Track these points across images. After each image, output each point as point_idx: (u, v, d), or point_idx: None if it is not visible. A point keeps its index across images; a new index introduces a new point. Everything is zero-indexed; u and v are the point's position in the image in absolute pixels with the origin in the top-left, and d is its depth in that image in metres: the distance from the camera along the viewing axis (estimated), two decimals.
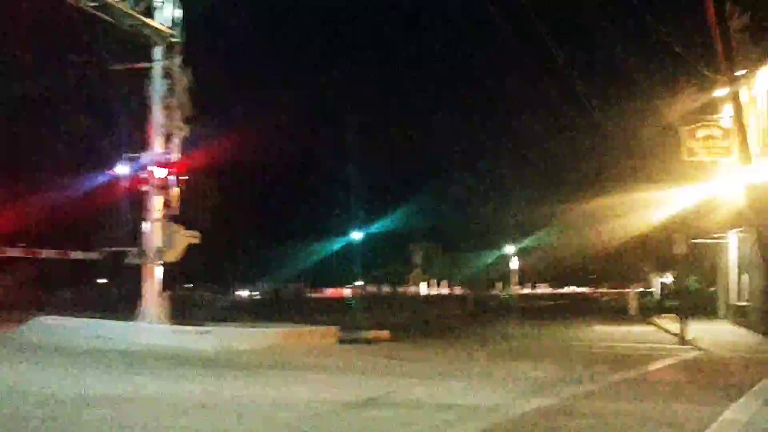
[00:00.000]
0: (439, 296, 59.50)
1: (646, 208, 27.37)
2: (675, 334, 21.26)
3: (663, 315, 30.32)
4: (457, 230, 68.11)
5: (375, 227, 67.26)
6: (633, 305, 40.11)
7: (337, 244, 68.55)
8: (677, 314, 22.52)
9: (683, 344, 19.92)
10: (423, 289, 59.06)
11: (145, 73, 22.19)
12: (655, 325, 28.09)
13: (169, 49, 22.02)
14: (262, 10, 62.02)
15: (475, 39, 56.35)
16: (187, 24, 22.39)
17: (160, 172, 21.46)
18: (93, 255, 28.46)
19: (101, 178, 27.86)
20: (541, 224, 53.72)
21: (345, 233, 68.77)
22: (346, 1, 68.94)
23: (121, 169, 22.00)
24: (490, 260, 70.24)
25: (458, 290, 64.87)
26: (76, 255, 29.60)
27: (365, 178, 67.69)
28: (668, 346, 19.77)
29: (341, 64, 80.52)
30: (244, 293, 49.28)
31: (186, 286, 48.03)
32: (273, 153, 51.56)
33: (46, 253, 28.83)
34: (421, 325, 29.75)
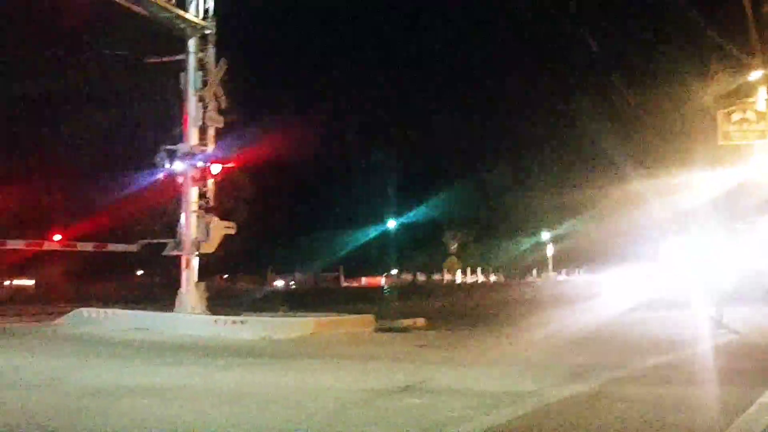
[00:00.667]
0: (475, 284, 59.40)
1: (680, 192, 27.13)
2: (711, 318, 21.07)
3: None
4: (492, 217, 67.98)
5: (410, 216, 67.38)
6: None
7: (372, 233, 68.76)
8: (712, 299, 22.32)
9: (719, 328, 19.73)
10: (458, 276, 59.01)
11: (180, 66, 22.39)
12: (691, 309, 27.80)
13: (203, 40, 22.18)
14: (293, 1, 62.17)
15: (505, 24, 55.91)
16: (219, 15, 22.55)
17: (196, 164, 21.65)
18: (131, 247, 28.83)
19: (139, 171, 28.22)
20: (577, 210, 53.45)
21: (380, 222, 68.95)
22: None
23: (158, 161, 22.23)
24: (525, 247, 70.01)
25: (494, 278, 64.71)
26: (115, 247, 29.99)
27: (400, 167, 67.73)
28: (703, 331, 19.58)
29: (378, 50, 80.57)
30: (280, 282, 49.56)
31: (223, 276, 48.45)
32: (308, 142, 51.78)
33: (83, 246, 29.24)
34: (457, 312, 29.73)
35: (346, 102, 68.58)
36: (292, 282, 48.62)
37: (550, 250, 63.79)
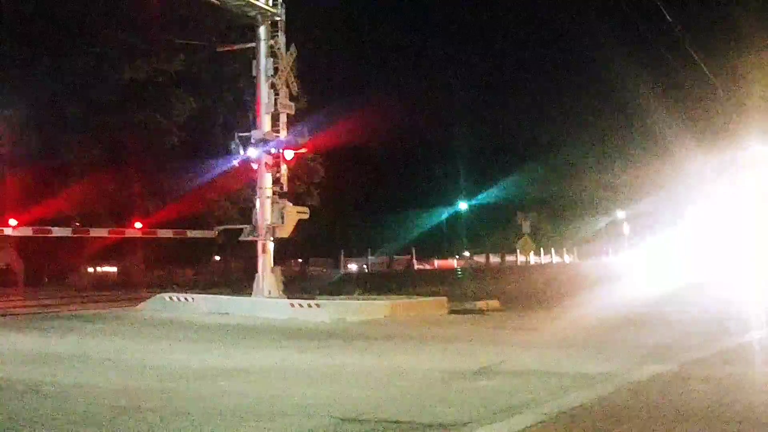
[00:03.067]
0: (548, 264, 58.86)
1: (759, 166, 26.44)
2: None
3: None
4: (565, 197, 67.22)
5: (482, 197, 67.09)
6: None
7: (443, 215, 68.69)
8: None
9: None
10: (531, 258, 58.51)
11: (252, 53, 22.66)
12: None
13: (273, 27, 22.40)
14: None
15: (581, 3, 55.02)
16: (288, 1, 22.74)
17: (270, 150, 21.95)
18: (209, 233, 29.45)
19: (214, 159, 28.76)
20: (651, 188, 52.46)
21: (452, 204, 68.81)
22: None
23: (233, 148, 22.61)
24: (600, 227, 69.04)
25: (567, 258, 63.98)
26: (193, 234, 30.62)
27: (472, 148, 67.48)
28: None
29: (452, 28, 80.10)
30: (353, 266, 49.90)
31: (297, 261, 48.96)
32: (379, 125, 51.88)
33: (163, 233, 29.91)
34: (530, 293, 29.58)
35: (417, 84, 68.53)
36: (365, 265, 48.87)
37: (624, 230, 62.76)
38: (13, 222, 26.30)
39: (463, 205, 69.87)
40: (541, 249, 61.53)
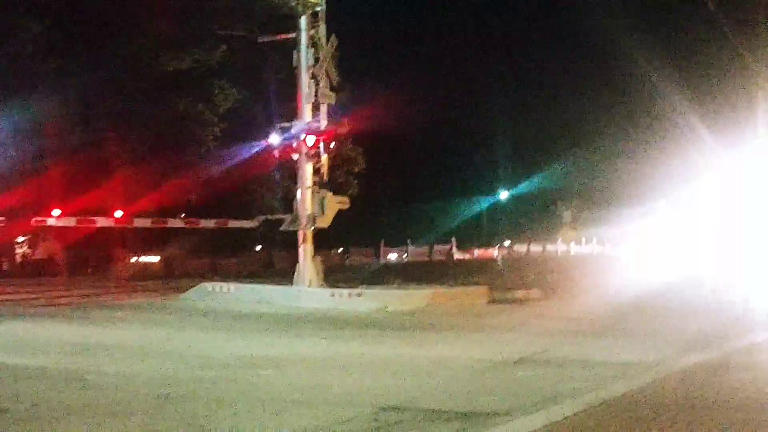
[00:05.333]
0: (590, 254, 58.38)
1: None
2: None
3: None
4: (607, 186, 66.51)
5: (522, 186, 66.65)
6: None
7: (484, 205, 68.38)
8: None
9: None
10: (573, 247, 58.06)
11: (292, 44, 22.71)
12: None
13: (314, 17, 22.42)
14: None
15: None
16: None
17: (310, 141, 22.01)
18: (250, 223, 29.64)
19: (255, 149, 28.92)
20: (688, 176, 51.63)
21: (492, 193, 68.48)
22: None
23: (274, 139, 22.72)
24: (640, 215, 68.23)
25: (609, 247, 63.37)
26: (234, 224, 30.84)
27: (513, 136, 67.05)
28: None
29: (491, 17, 79.56)
30: (393, 255, 49.90)
31: (337, 250, 49.07)
32: (419, 115, 51.80)
33: (205, 223, 30.16)
34: (571, 282, 29.37)
35: (457, 72, 68.14)
36: (405, 255, 48.88)
37: (665, 219, 61.94)
38: (56, 213, 26.68)
39: (503, 194, 69.48)
40: (583, 238, 61.08)
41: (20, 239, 40.63)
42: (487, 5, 76.14)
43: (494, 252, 59.11)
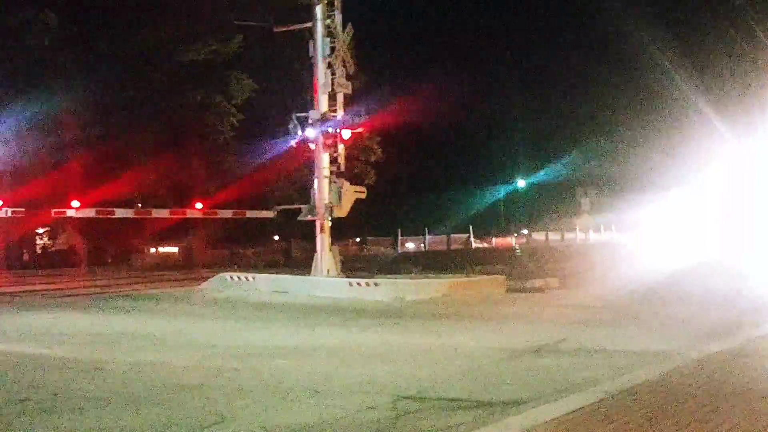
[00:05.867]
0: (608, 242, 58.14)
1: None
2: None
3: None
4: (624, 174, 66.16)
5: (540, 175, 66.44)
6: None
7: (501, 193, 68.22)
8: None
9: None
10: (591, 235, 57.88)
11: (308, 34, 22.67)
12: None
13: (329, 7, 22.38)
14: None
15: None
16: None
17: (327, 130, 22.00)
18: (268, 213, 29.72)
19: (272, 139, 28.94)
20: (706, 166, 51.26)
21: (510, 182, 68.31)
22: None
23: (291, 128, 22.71)
24: (657, 204, 67.87)
25: (628, 235, 63.11)
26: (252, 214, 30.93)
27: (531, 125, 66.83)
28: None
29: (509, 6, 79.19)
30: (411, 245, 49.90)
31: (355, 240, 49.11)
32: (436, 104, 51.64)
33: (223, 213, 30.25)
34: (590, 271, 29.27)
35: (475, 61, 67.96)
36: (423, 244, 48.82)
37: (683, 206, 61.49)
38: (76, 204, 26.84)
39: (521, 183, 69.32)
40: (601, 227, 60.90)
41: (40, 231, 40.95)
42: None
43: (512, 241, 59.03)
